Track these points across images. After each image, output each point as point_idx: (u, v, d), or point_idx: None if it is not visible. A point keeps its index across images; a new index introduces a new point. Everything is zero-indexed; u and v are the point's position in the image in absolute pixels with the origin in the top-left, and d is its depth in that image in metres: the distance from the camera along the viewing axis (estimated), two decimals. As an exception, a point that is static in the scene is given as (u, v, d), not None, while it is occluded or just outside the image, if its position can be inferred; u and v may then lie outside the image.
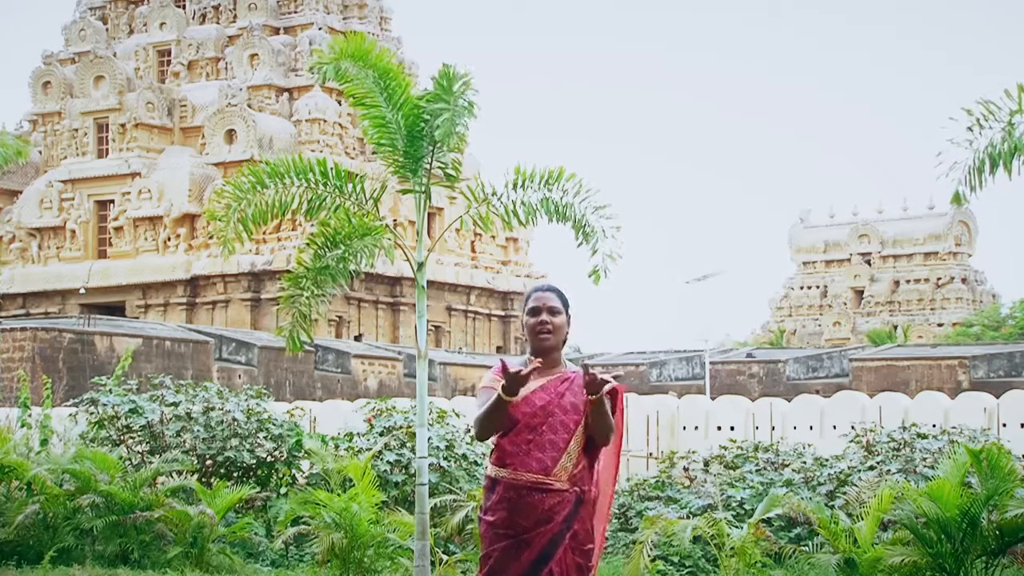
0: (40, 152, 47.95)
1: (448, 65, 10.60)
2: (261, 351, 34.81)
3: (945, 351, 35.31)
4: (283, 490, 14.44)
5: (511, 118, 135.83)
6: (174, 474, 13.59)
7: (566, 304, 5.94)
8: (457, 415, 14.98)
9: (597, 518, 5.95)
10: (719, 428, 18.50)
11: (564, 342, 5.91)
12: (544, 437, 5.78)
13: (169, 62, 49.07)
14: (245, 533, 13.49)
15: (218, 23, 49.10)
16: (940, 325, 62.37)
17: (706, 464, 14.29)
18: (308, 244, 11.53)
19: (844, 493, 12.22)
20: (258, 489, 14.25)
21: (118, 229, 46.13)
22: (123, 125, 46.54)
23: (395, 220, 42.16)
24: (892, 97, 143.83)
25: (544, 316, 5.86)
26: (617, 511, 13.76)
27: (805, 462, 13.72)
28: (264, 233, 42.86)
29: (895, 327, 60.18)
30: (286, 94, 46.97)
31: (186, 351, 33.46)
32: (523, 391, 5.76)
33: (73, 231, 46.88)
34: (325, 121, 45.68)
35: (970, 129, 10.40)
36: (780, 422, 18.39)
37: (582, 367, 5.75)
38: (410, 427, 14.16)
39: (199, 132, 46.47)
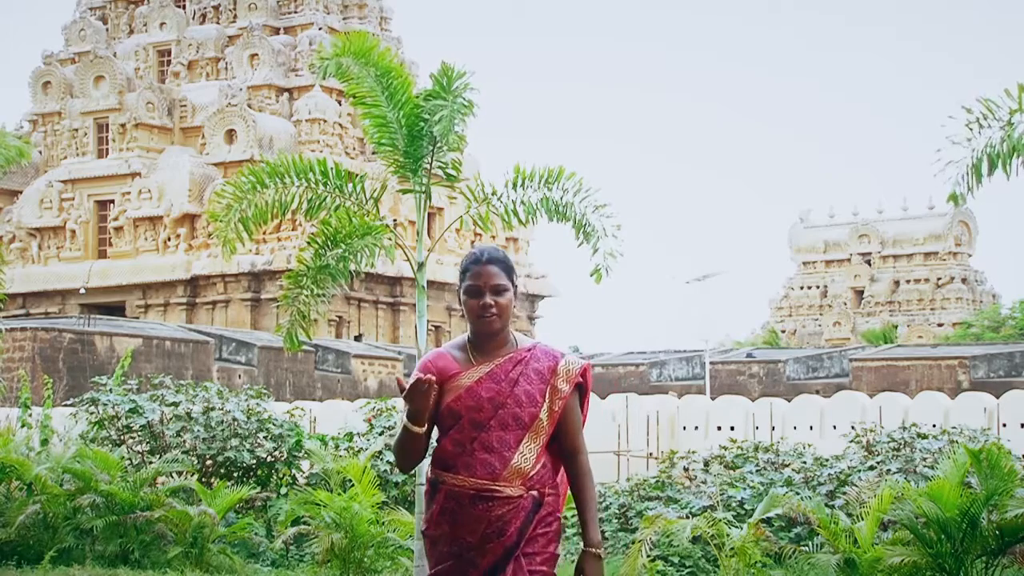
0: (40, 152, 47.91)
1: (447, 63, 10.61)
2: (261, 351, 34.81)
3: (945, 351, 35.30)
4: (283, 490, 14.44)
5: (511, 118, 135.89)
6: (174, 474, 13.59)
7: (511, 275, 4.85)
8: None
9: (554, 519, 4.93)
10: (719, 428, 18.52)
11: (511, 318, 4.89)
12: (492, 434, 4.75)
13: (169, 62, 49.07)
14: (245, 533, 13.50)
15: (218, 23, 49.10)
16: (940, 325, 62.35)
17: (706, 464, 14.29)
18: (309, 243, 11.53)
19: (844, 493, 12.22)
20: (258, 489, 14.26)
21: (118, 229, 46.12)
22: (123, 125, 46.54)
23: (395, 220, 42.16)
24: (892, 97, 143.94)
25: (487, 298, 4.78)
26: (617, 511, 13.77)
27: (805, 462, 13.73)
28: (264, 233, 42.85)
29: (895, 327, 60.17)
30: (286, 94, 46.97)
31: (186, 351, 33.46)
32: (466, 379, 4.78)
33: (73, 231, 46.87)
34: (325, 121, 45.68)
35: (969, 127, 10.39)
36: (780, 422, 18.41)
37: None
38: (410, 427, 14.13)
39: (199, 132, 46.46)
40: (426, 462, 5.00)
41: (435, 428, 4.92)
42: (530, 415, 4.77)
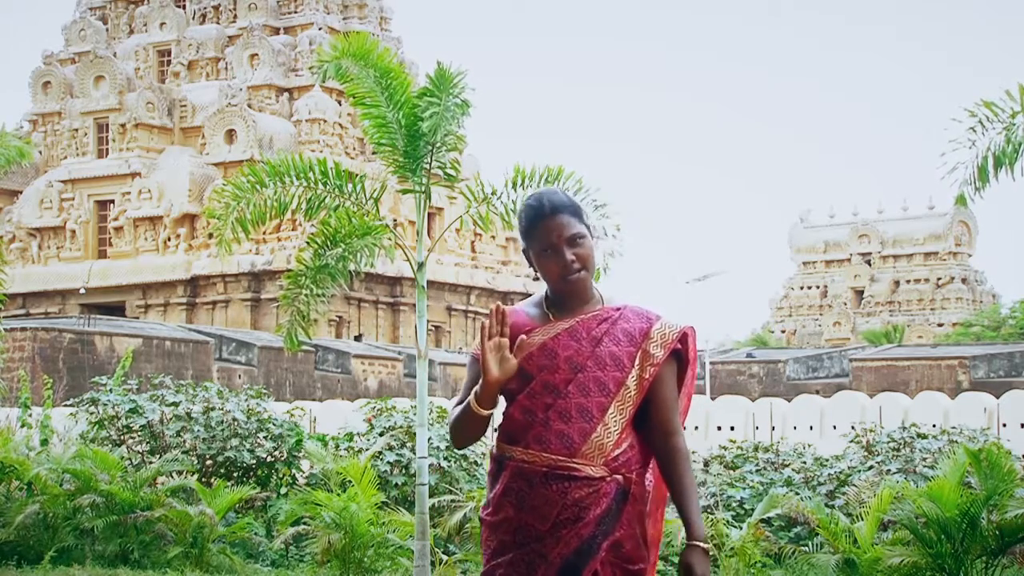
0: (40, 152, 47.91)
1: (442, 63, 10.61)
2: (261, 351, 34.80)
3: (945, 351, 35.31)
4: (283, 490, 14.44)
5: (511, 118, 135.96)
6: (174, 474, 13.58)
7: (583, 217, 4.05)
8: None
9: (652, 520, 4.05)
10: (719, 428, 18.50)
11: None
12: (570, 401, 3.94)
13: (169, 62, 49.07)
14: (245, 533, 13.49)
15: (218, 23, 49.09)
16: (940, 325, 62.38)
17: (706, 464, 14.29)
18: (308, 243, 11.53)
19: (844, 493, 12.23)
20: (258, 489, 14.25)
21: (118, 229, 46.12)
22: (123, 125, 46.54)
23: (395, 220, 42.15)
24: (892, 97, 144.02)
25: (567, 254, 3.97)
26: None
27: (805, 462, 13.72)
28: (264, 233, 42.88)
29: (895, 327, 60.18)
30: (286, 94, 46.96)
31: (186, 351, 33.45)
32: (541, 335, 4.00)
33: (73, 231, 46.87)
34: (325, 121, 45.68)
35: (973, 130, 10.41)
36: (780, 422, 18.40)
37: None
38: (410, 427, 14.16)
39: (199, 132, 46.47)
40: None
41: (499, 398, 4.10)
42: (615, 380, 3.97)
